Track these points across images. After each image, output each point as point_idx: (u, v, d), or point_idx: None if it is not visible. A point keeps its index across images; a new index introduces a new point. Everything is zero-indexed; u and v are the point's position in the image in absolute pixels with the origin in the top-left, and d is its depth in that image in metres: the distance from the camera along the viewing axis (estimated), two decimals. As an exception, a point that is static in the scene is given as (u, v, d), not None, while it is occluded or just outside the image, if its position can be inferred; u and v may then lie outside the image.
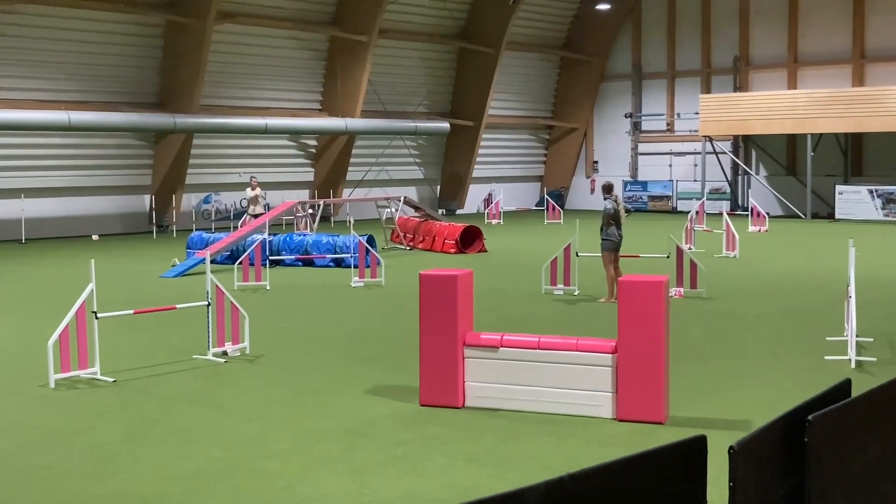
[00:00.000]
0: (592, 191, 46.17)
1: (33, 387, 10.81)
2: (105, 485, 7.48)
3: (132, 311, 12.97)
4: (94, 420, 9.44)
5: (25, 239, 31.54)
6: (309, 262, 23.41)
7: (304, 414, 9.60)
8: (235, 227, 29.13)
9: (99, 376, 11.08)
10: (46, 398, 10.36)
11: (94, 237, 32.93)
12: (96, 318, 11.18)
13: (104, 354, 11.32)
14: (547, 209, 39.09)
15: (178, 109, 34.11)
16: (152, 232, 34.57)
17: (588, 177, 47.97)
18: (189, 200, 36.41)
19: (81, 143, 33.65)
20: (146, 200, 35.90)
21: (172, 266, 22.47)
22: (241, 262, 19.62)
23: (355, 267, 20.25)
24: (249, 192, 27.47)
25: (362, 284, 19.65)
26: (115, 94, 33.95)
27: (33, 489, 7.39)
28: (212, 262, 13.36)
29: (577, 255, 17.96)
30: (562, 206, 43.03)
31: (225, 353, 12.32)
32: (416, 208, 30.34)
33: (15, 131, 31.53)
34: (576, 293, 17.75)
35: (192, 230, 29.83)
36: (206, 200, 37.51)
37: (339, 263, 22.84)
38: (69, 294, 13.29)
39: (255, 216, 26.21)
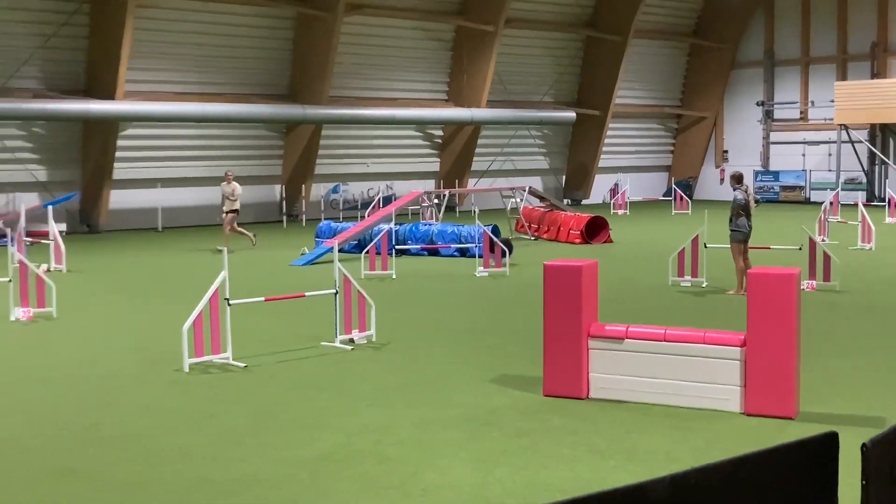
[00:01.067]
0: (722, 181, 45.14)
1: (168, 371, 11.17)
2: (234, 468, 7.69)
3: (263, 299, 13.28)
4: (225, 404, 9.71)
5: (162, 227, 32.61)
6: (434, 252, 23.57)
7: (429, 402, 9.67)
8: (363, 217, 29.51)
9: (231, 361, 11.38)
10: (181, 382, 10.69)
11: (227, 226, 33.74)
12: (228, 304, 11.48)
13: (236, 340, 11.63)
14: (675, 199, 38.43)
15: (308, 101, 34.74)
16: (282, 221, 35.31)
17: (717, 167, 46.96)
18: (318, 190, 37.06)
19: (215, 133, 34.60)
20: (277, 190, 36.70)
21: (302, 254, 22.92)
22: (367, 251, 19.88)
23: (480, 256, 20.30)
24: (225, 188, 25.51)
25: (487, 274, 19.69)
26: (247, 86, 34.77)
27: (166, 470, 7.65)
28: (339, 250, 13.57)
29: (706, 247, 17.62)
30: (690, 197, 42.24)
31: (352, 341, 12.51)
32: (541, 198, 30.21)
33: (152, 122, 32.62)
34: (703, 285, 17.42)
35: (320, 219, 30.37)
36: (335, 190, 38.11)
37: (464, 253, 22.94)
38: (203, 281, 13.68)
39: (230, 212, 24.93)
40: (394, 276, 19.32)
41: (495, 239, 20.34)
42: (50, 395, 10.19)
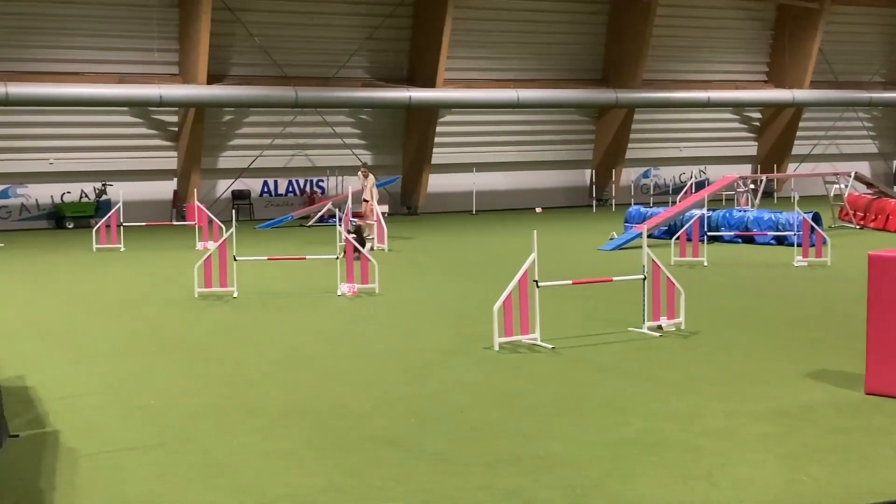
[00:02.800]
0: None
1: (479, 348, 11.54)
2: (539, 446, 7.83)
3: (570, 282, 13.40)
4: (533, 383, 9.91)
5: (476, 210, 33.61)
6: (749, 240, 22.81)
7: (739, 394, 9.41)
8: (674, 202, 29.03)
9: (539, 342, 11.59)
10: (491, 359, 11.02)
11: (537, 210, 34.33)
12: (537, 286, 11.69)
13: (544, 322, 11.82)
14: None
15: (621, 84, 34.58)
16: (592, 205, 35.39)
17: None
18: (628, 175, 36.84)
19: (528, 119, 35.19)
20: (587, 175, 36.82)
21: (610, 239, 22.90)
22: (678, 238, 19.56)
23: (799, 245, 19.43)
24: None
25: (805, 264, 18.82)
26: (560, 72, 35.10)
27: (477, 443, 7.91)
28: (649, 236, 13.45)
29: None
30: None
31: (659, 328, 12.38)
32: (869, 185, 28.47)
33: (469, 109, 33.66)
34: None
35: (630, 204, 30.17)
36: (646, 175, 37.73)
37: (781, 241, 22.04)
38: (513, 263, 14.00)
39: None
40: (705, 264, 18.89)
41: (816, 227, 19.39)
42: (373, 366, 10.82)
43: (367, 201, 23.79)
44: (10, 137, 29.00)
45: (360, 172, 25.32)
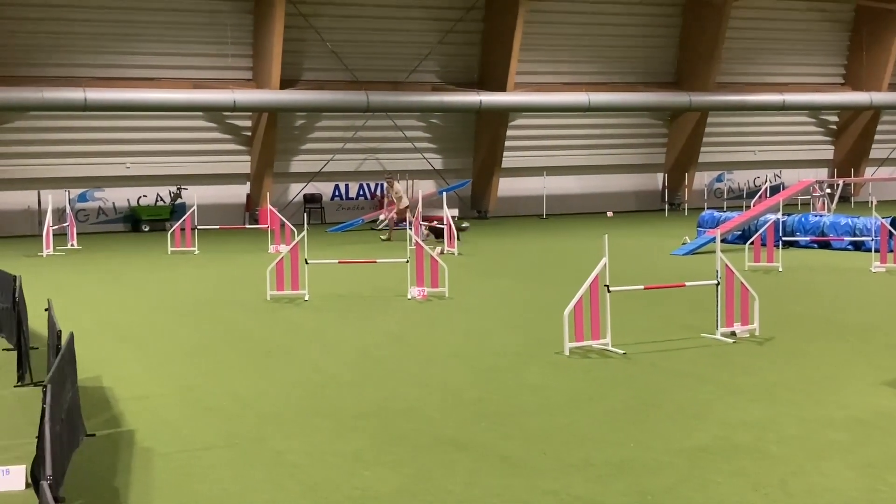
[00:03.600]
0: None
1: (549, 353, 11.49)
2: (612, 452, 7.77)
3: (642, 287, 13.28)
4: (605, 388, 9.83)
5: (546, 214, 33.50)
6: (825, 245, 22.41)
7: (813, 400, 9.23)
8: (748, 207, 28.63)
9: (610, 347, 11.50)
10: (561, 364, 10.96)
11: (609, 213, 34.12)
12: (608, 291, 11.60)
13: (615, 327, 11.72)
14: None
15: (694, 87, 34.24)
16: (664, 209, 35.06)
17: None
18: (702, 179, 36.44)
19: (599, 122, 35.00)
20: (659, 178, 36.50)
21: (683, 244, 22.66)
22: (752, 242, 19.28)
23: (876, 251, 19.03)
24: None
25: (884, 270, 18.42)
26: (632, 75, 34.86)
27: (547, 449, 7.87)
28: (722, 241, 13.29)
29: None
30: None
31: (733, 334, 12.21)
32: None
33: (540, 112, 33.58)
34: None
35: (703, 208, 29.85)
36: (719, 179, 37.29)
37: (858, 247, 21.61)
38: (584, 267, 13.92)
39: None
40: (780, 269, 18.60)
41: (894, 232, 18.98)
42: (443, 369, 10.83)
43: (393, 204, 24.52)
44: (88, 142, 29.65)
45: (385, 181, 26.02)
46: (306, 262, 16.03)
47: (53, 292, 14.44)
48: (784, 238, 21.57)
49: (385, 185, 25.55)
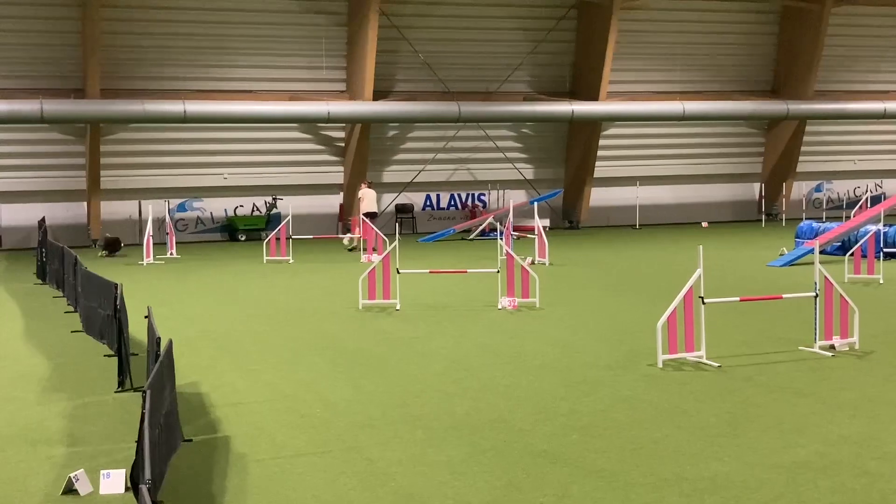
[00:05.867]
0: None
1: (642, 365, 11.36)
2: (707, 466, 7.64)
3: (738, 299, 13.05)
4: (699, 402, 9.68)
5: (639, 224, 33.17)
6: (929, 256, 21.75)
7: (919, 418, 8.96)
8: (848, 217, 27.95)
9: (704, 360, 11.33)
10: (654, 376, 10.83)
11: (703, 224, 33.64)
12: (703, 303, 11.43)
13: (709, 339, 11.55)
14: None
15: (792, 96, 33.60)
16: (761, 220, 34.43)
17: None
18: (800, 189, 35.71)
19: (694, 131, 34.56)
20: (755, 188, 35.88)
21: (780, 255, 22.23)
22: (852, 254, 18.81)
23: (983, 263, 18.41)
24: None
25: None
26: (727, 83, 34.36)
27: (640, 462, 7.78)
28: (821, 252, 12.99)
29: None
30: None
31: (832, 347, 11.93)
32: None
33: (633, 122, 33.28)
34: None
35: (801, 219, 29.25)
36: (818, 189, 36.51)
37: (964, 258, 20.94)
38: (677, 278, 13.74)
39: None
40: (881, 281, 18.11)
41: None
42: (534, 380, 10.79)
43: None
44: (187, 153, 30.33)
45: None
46: (398, 272, 16.13)
47: (153, 300, 14.78)
48: (885, 249, 21.01)
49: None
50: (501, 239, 17.78)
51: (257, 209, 31.25)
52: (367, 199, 26.63)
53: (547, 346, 12.82)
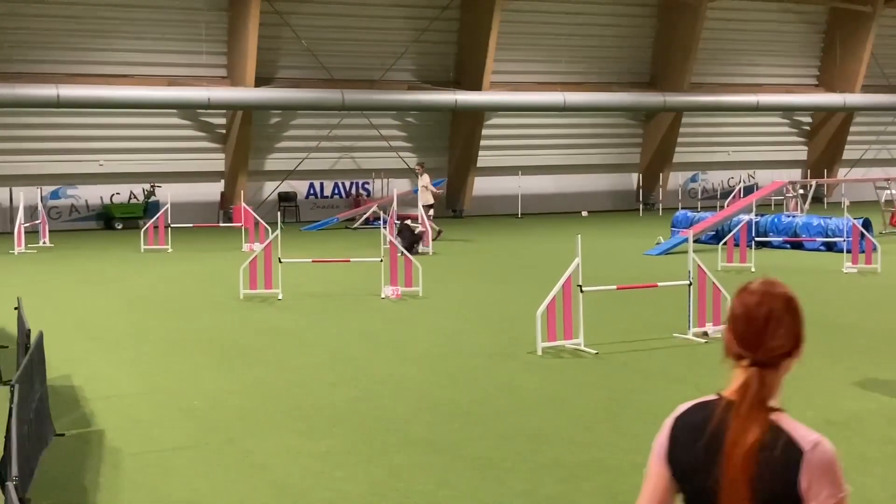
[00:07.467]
0: None
1: (522, 353, 11.50)
2: (584, 452, 7.78)
3: (615, 287, 13.31)
4: (577, 389, 9.84)
5: (521, 213, 33.54)
6: (798, 245, 22.55)
7: (785, 402, 9.21)
8: (722, 207, 28.77)
9: (582, 347, 11.53)
10: (534, 364, 10.97)
11: (584, 213, 34.20)
12: (581, 291, 11.62)
13: (587, 327, 11.75)
14: None
15: (669, 88, 34.37)
16: (639, 209, 35.17)
17: None
18: (676, 179, 36.59)
19: (575, 122, 35.08)
20: (633, 178, 36.62)
21: (657, 244, 22.74)
22: (725, 243, 19.37)
23: (848, 252, 19.17)
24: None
25: (855, 271, 18.56)
26: (607, 75, 34.96)
27: (519, 449, 7.88)
28: (696, 241, 13.33)
29: None
30: None
31: (705, 334, 12.26)
32: (920, 190, 28.01)
33: (515, 112, 33.61)
34: None
35: (677, 209, 29.96)
36: (693, 179, 37.45)
37: (830, 247, 21.76)
38: (557, 267, 13.93)
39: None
40: (753, 270, 18.70)
41: (866, 233, 19.12)
42: (416, 369, 10.82)
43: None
44: (61, 139, 29.42)
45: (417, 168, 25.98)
46: (280, 261, 15.97)
47: (24, 290, 14.32)
48: (757, 238, 21.68)
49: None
50: (385, 228, 17.76)
51: (135, 197, 30.53)
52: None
53: (429, 334, 12.86)
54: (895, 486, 6.98)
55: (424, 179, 25.32)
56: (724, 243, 19.37)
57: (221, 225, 28.75)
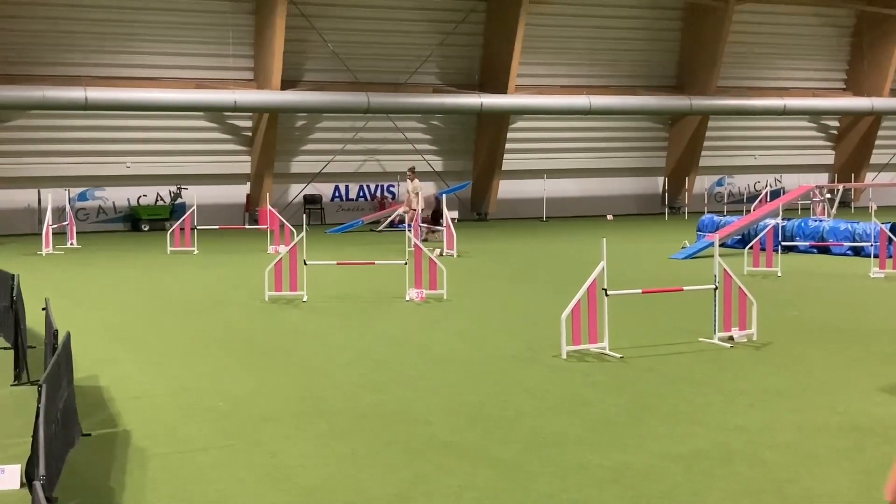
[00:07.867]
0: None
1: (547, 356, 11.49)
2: (609, 456, 7.76)
3: (640, 291, 13.27)
4: (601, 393, 9.82)
5: (546, 217, 33.50)
6: (824, 250, 22.41)
7: (810, 406, 9.23)
8: (748, 211, 28.64)
9: (607, 351, 11.50)
10: (558, 368, 10.96)
11: (609, 217, 34.12)
12: (606, 295, 11.60)
13: (613, 330, 11.72)
14: None
15: (695, 91, 34.25)
16: (664, 213, 35.05)
17: None
18: (702, 183, 36.45)
19: (600, 125, 35.01)
20: (659, 182, 36.51)
21: (682, 248, 22.67)
22: (751, 247, 19.28)
23: (875, 256, 19.02)
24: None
25: (882, 276, 18.42)
26: (633, 78, 34.88)
27: (543, 452, 7.87)
28: (722, 245, 13.28)
29: None
30: None
31: (731, 338, 12.21)
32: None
33: (540, 115, 33.57)
34: None
35: (703, 212, 29.84)
36: (720, 183, 37.30)
37: (857, 252, 21.61)
38: (582, 270, 13.92)
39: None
40: (779, 274, 18.59)
41: (893, 237, 18.97)
42: (440, 372, 10.82)
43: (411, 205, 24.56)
44: (89, 141, 29.65)
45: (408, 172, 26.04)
46: (305, 263, 16.03)
47: (52, 291, 14.43)
48: (783, 243, 21.57)
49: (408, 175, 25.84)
50: (409, 230, 17.78)
51: (161, 199, 30.72)
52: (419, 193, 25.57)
53: (453, 337, 12.87)
54: (922, 492, 6.92)
55: (415, 184, 25.53)
56: (751, 247, 19.28)
57: (247, 227, 28.88)
